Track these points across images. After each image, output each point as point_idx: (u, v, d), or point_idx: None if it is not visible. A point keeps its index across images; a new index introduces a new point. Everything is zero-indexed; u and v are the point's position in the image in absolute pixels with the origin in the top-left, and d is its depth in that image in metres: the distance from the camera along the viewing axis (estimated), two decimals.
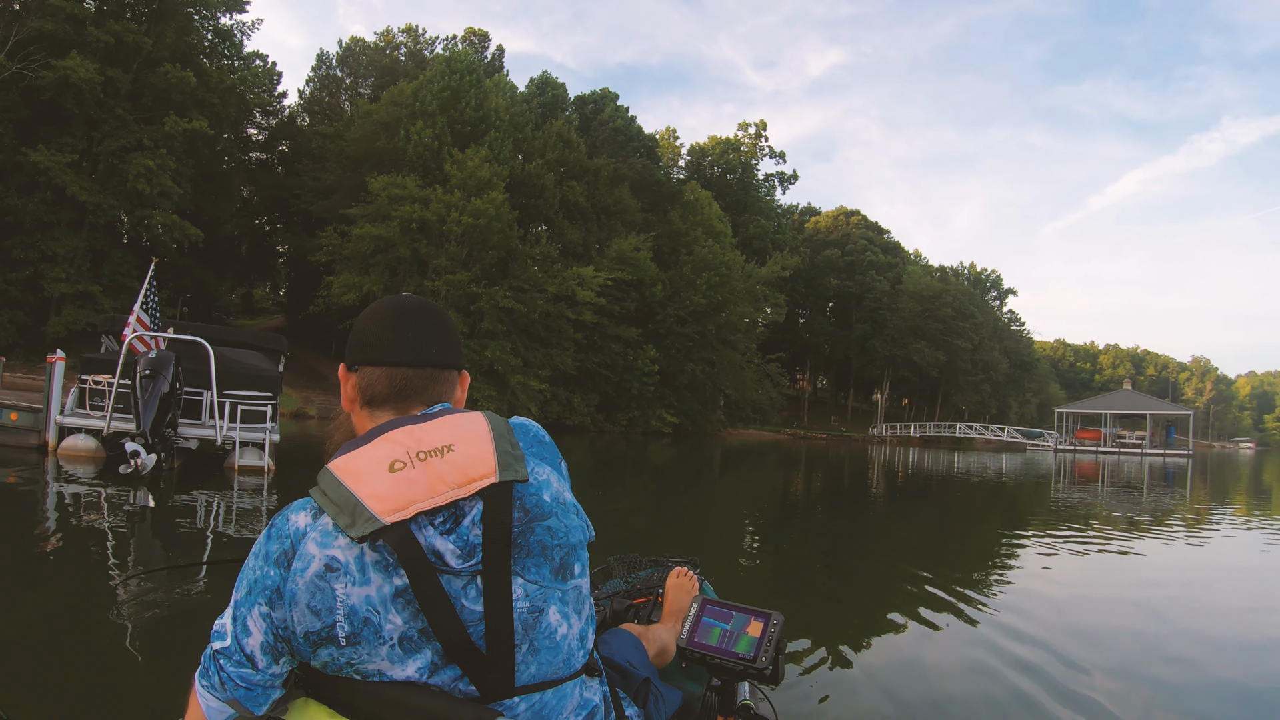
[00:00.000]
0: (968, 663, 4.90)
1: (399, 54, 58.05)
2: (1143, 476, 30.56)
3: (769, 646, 2.07)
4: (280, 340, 17.30)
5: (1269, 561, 10.41)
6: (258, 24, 43.45)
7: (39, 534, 7.38)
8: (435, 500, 1.25)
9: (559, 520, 1.37)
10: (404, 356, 1.45)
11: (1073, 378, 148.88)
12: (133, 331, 12.55)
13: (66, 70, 31.53)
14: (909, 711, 4.04)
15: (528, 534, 1.32)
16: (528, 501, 1.33)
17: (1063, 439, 70.48)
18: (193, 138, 36.36)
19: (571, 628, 1.37)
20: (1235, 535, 13.07)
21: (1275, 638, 6.25)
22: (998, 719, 4.01)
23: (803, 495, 18.12)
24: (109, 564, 6.38)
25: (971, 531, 12.53)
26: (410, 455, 1.29)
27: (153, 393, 10.73)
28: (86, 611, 5.03)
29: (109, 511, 8.58)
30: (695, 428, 54.47)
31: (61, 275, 33.42)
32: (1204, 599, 7.48)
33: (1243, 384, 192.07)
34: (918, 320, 77.51)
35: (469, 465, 1.29)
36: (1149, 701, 4.40)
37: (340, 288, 40.29)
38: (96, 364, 13.92)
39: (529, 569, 1.31)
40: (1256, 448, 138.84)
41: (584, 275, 44.14)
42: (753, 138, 73.14)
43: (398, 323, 1.48)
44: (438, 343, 1.50)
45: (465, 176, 41.06)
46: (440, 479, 1.27)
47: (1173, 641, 5.80)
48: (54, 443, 12.79)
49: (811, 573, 8.16)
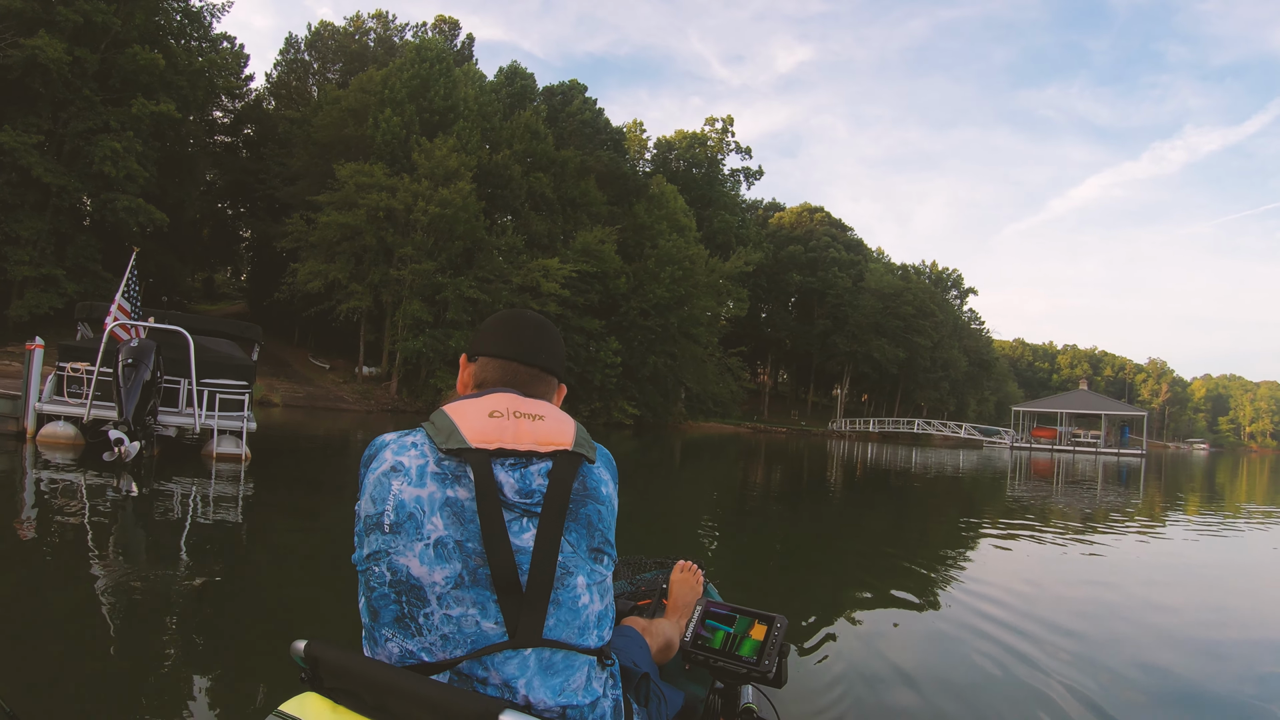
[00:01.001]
0: (973, 665, 4.92)
1: (368, 40, 57.77)
2: (1096, 475, 31.30)
3: (773, 650, 2.11)
4: (255, 329, 17.56)
5: (1207, 556, 11.11)
6: (228, 6, 42.94)
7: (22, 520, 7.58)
8: (517, 445, 1.46)
9: (608, 511, 1.54)
10: (519, 353, 1.69)
11: (1031, 377, 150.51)
12: (114, 320, 12.72)
13: (35, 49, 31.17)
14: (914, 714, 4.03)
15: (580, 504, 1.48)
16: (589, 481, 1.52)
17: (1019, 437, 71.61)
18: (159, 120, 36.03)
19: (594, 604, 1.48)
20: (1178, 529, 13.80)
21: (1206, 617, 6.87)
22: (1008, 716, 4.05)
23: (773, 490, 18.29)
24: (93, 552, 6.51)
25: (953, 530, 12.57)
26: (508, 411, 1.52)
27: (135, 381, 10.99)
28: (76, 600, 5.12)
29: (91, 498, 8.83)
30: (656, 420, 54.94)
31: (25, 258, 33.05)
32: (1145, 593, 7.78)
33: (1198, 386, 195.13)
34: (879, 317, 78.50)
35: (552, 433, 1.51)
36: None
37: (305, 275, 40.38)
38: (74, 351, 14.02)
39: (571, 531, 1.45)
40: (1210, 449, 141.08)
41: (549, 267, 44.43)
42: (719, 133, 73.75)
43: (520, 327, 1.73)
44: (546, 352, 1.73)
45: (433, 166, 41.24)
46: (526, 433, 1.48)
47: (1120, 625, 6.27)
48: (32, 430, 12.86)
49: (807, 573, 8.15)
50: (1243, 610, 7.42)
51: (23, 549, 6.48)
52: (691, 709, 2.14)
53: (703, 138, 72.79)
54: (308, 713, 1.32)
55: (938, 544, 10.74)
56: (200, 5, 41.86)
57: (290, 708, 1.33)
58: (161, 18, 39.74)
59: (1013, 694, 4.38)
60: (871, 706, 4.10)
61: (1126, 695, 4.47)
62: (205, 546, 7.10)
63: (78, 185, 34.17)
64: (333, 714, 1.32)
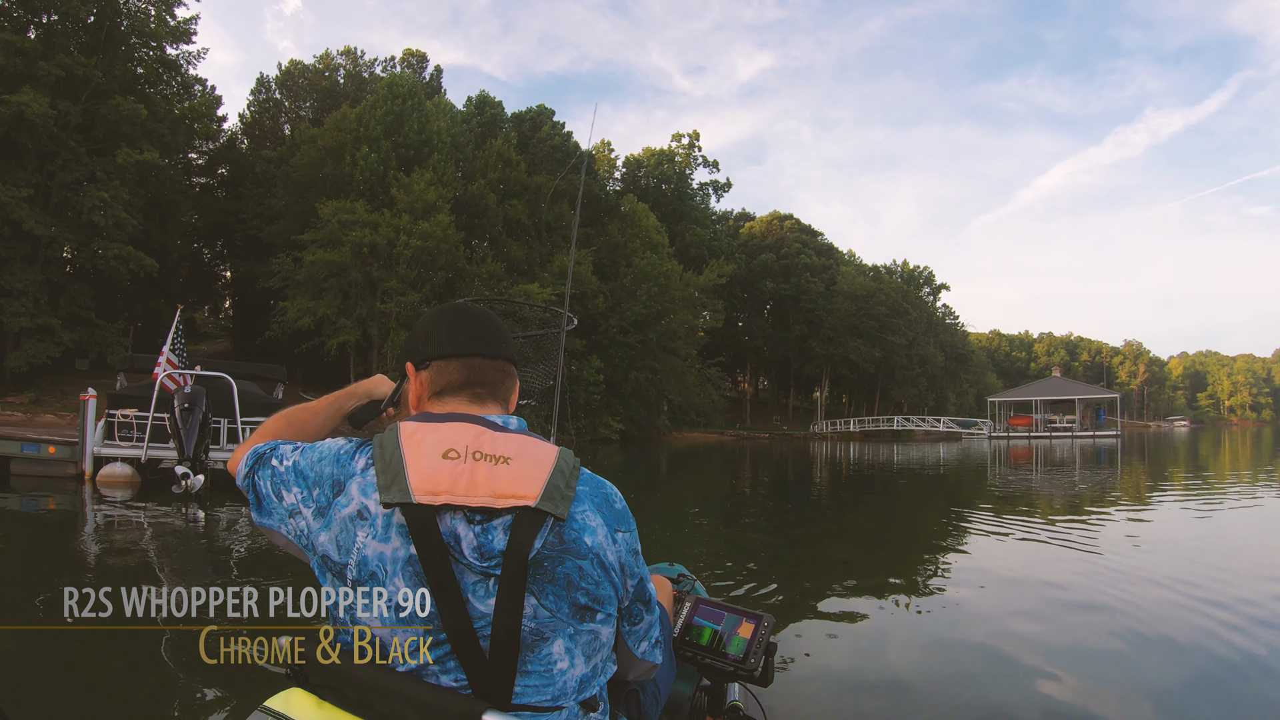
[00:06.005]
0: (958, 662, 5.00)
1: (338, 76, 58.53)
2: (1074, 458, 32.09)
3: (759, 648, 2.13)
4: (280, 370, 19.38)
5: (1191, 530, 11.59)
6: (203, 53, 43.70)
7: (117, 548, 8.84)
8: (469, 499, 1.31)
9: (592, 565, 1.37)
10: (481, 348, 1.54)
11: (1009, 367, 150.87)
12: (163, 371, 13.96)
13: (21, 105, 31.86)
14: (898, 711, 4.11)
15: (557, 563, 1.33)
16: (567, 535, 1.35)
17: (997, 427, 72.83)
18: (143, 168, 36.78)
19: (574, 668, 1.37)
20: (1163, 508, 14.41)
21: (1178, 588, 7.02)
22: (990, 716, 4.07)
23: (759, 493, 19.04)
24: (171, 571, 7.39)
25: (937, 526, 12.73)
26: (466, 451, 1.36)
27: (192, 422, 12.27)
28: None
29: (154, 528, 10.33)
30: (641, 433, 55.86)
31: (20, 310, 33.54)
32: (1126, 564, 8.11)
33: (1175, 365, 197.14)
34: (853, 319, 79.44)
35: (515, 483, 1.33)
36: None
37: (295, 312, 41.28)
38: (121, 399, 15.47)
39: (546, 594, 1.33)
40: (1191, 425, 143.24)
41: (529, 292, 45.47)
42: (686, 148, 75.09)
43: (472, 319, 1.57)
44: (502, 339, 1.58)
45: (412, 200, 42.35)
46: (483, 483, 1.32)
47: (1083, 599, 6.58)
48: (90, 471, 14.43)
49: (793, 572, 8.17)
50: (1231, 595, 7.06)
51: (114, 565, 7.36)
52: (679, 706, 2.21)
53: (670, 154, 74.07)
54: (293, 709, 1.33)
55: (921, 541, 10.96)
56: (176, 54, 42.52)
57: (276, 704, 1.35)
58: (139, 65, 40.44)
59: (997, 691, 4.44)
60: (856, 705, 4.21)
61: (1112, 689, 4.49)
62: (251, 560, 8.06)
63: (68, 235, 34.79)
64: (318, 710, 1.33)
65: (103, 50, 36.82)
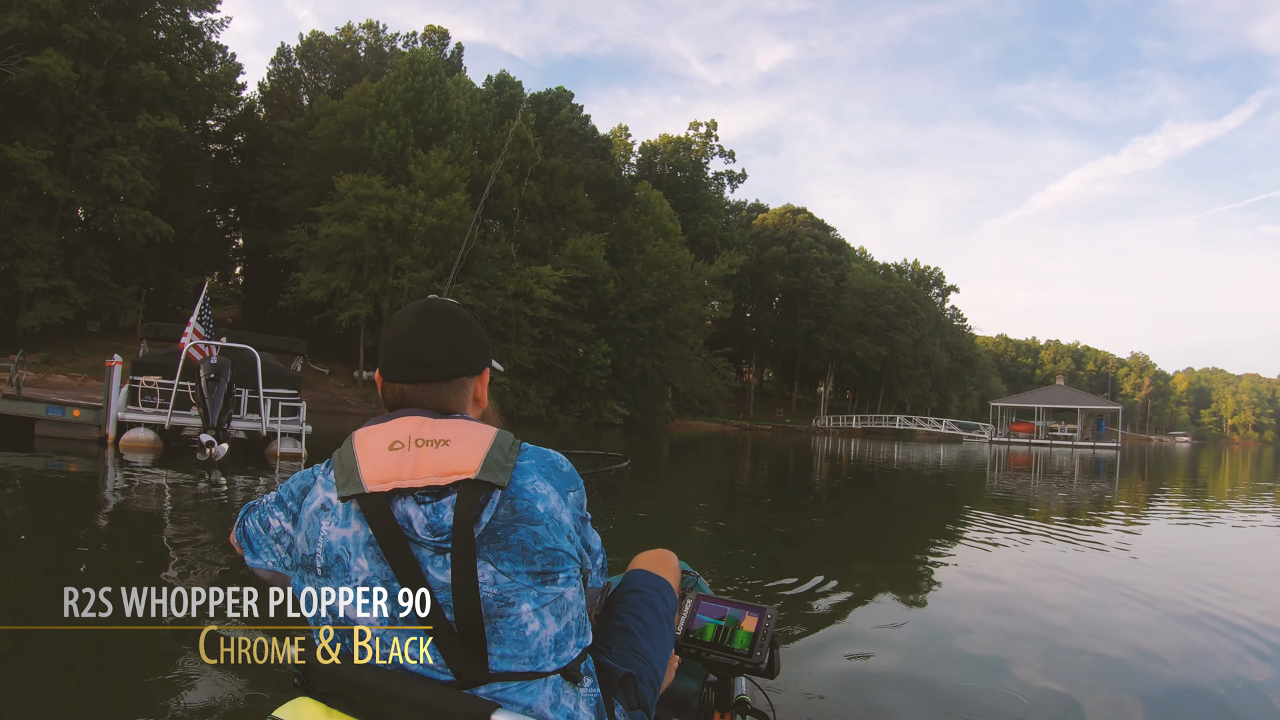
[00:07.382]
0: (962, 653, 5.02)
1: (359, 50, 58.48)
2: (1073, 467, 31.94)
3: (764, 641, 2.13)
4: (300, 344, 19.60)
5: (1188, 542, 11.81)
6: (226, 21, 43.68)
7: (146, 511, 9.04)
8: (415, 480, 1.37)
9: (547, 530, 1.41)
10: (403, 375, 1.54)
11: (1015, 372, 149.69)
12: (190, 341, 14.23)
13: (43, 67, 32.12)
14: (905, 703, 4.08)
15: (509, 530, 1.38)
16: (518, 504, 1.40)
17: (998, 431, 72.69)
18: (163, 134, 37.05)
19: (546, 629, 1.40)
20: (1156, 520, 14.53)
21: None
22: (996, 708, 4.04)
23: (761, 485, 19.04)
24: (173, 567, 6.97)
25: (940, 522, 12.84)
26: (410, 439, 1.42)
27: (217, 392, 12.56)
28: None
29: (182, 491, 10.54)
30: (645, 419, 56.01)
31: (35, 270, 33.95)
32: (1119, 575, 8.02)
33: (1180, 380, 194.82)
34: (861, 316, 79.41)
35: (455, 460, 1.39)
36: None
37: (309, 284, 41.65)
38: (145, 366, 15.74)
39: (503, 561, 1.36)
40: (1192, 441, 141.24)
41: (541, 274, 45.92)
42: (703, 137, 75.03)
43: (399, 341, 1.56)
44: (433, 356, 1.55)
45: (429, 177, 42.57)
46: (426, 464, 1.39)
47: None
48: (113, 435, 14.72)
49: (795, 565, 7.94)
50: (1226, 598, 7.15)
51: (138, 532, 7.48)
52: (686, 702, 2.20)
53: (687, 142, 74.09)
54: (302, 718, 1.35)
55: (925, 536, 11.00)
56: (199, 21, 42.64)
57: (285, 713, 1.35)
58: (161, 31, 40.57)
59: (1001, 681, 4.43)
60: (863, 695, 4.17)
61: (1109, 688, 4.51)
62: None
63: (86, 199, 35.17)
64: (327, 718, 1.34)
65: (126, 15, 37.05)
